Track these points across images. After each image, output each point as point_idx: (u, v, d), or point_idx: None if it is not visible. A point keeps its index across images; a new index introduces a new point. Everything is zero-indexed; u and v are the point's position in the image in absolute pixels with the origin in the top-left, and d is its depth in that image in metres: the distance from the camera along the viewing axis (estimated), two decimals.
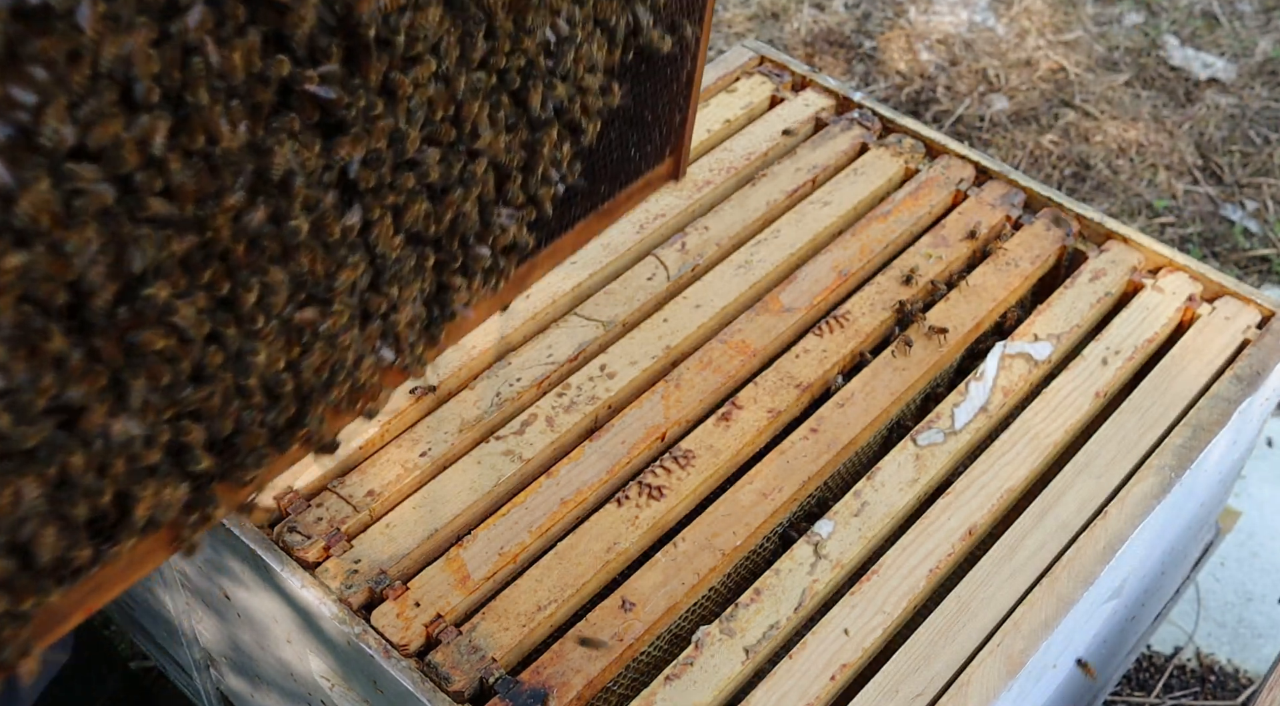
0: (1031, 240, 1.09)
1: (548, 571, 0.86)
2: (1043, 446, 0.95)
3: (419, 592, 0.84)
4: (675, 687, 0.81)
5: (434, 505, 0.90)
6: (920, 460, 0.93)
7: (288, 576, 0.85)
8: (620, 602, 0.84)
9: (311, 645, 0.89)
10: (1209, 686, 1.48)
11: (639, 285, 1.05)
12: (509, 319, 1.02)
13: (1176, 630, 1.52)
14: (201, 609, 1.04)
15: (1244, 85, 2.29)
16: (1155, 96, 2.26)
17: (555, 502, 0.90)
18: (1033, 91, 2.26)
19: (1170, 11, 2.45)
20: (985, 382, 0.99)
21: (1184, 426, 0.96)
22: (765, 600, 0.85)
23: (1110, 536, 0.89)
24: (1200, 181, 2.12)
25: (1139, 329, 1.03)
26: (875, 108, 1.21)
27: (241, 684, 1.08)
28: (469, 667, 0.80)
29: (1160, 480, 0.93)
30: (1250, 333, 1.03)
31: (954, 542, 0.89)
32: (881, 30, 2.39)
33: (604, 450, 0.93)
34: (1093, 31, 2.40)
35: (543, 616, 0.84)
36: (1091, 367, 1.00)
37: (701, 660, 0.82)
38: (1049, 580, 0.87)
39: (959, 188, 1.13)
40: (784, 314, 1.03)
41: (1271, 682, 0.93)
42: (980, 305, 1.04)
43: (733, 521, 0.89)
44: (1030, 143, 2.17)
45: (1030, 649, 0.83)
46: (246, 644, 1.00)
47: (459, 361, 0.99)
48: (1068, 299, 1.05)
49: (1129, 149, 2.16)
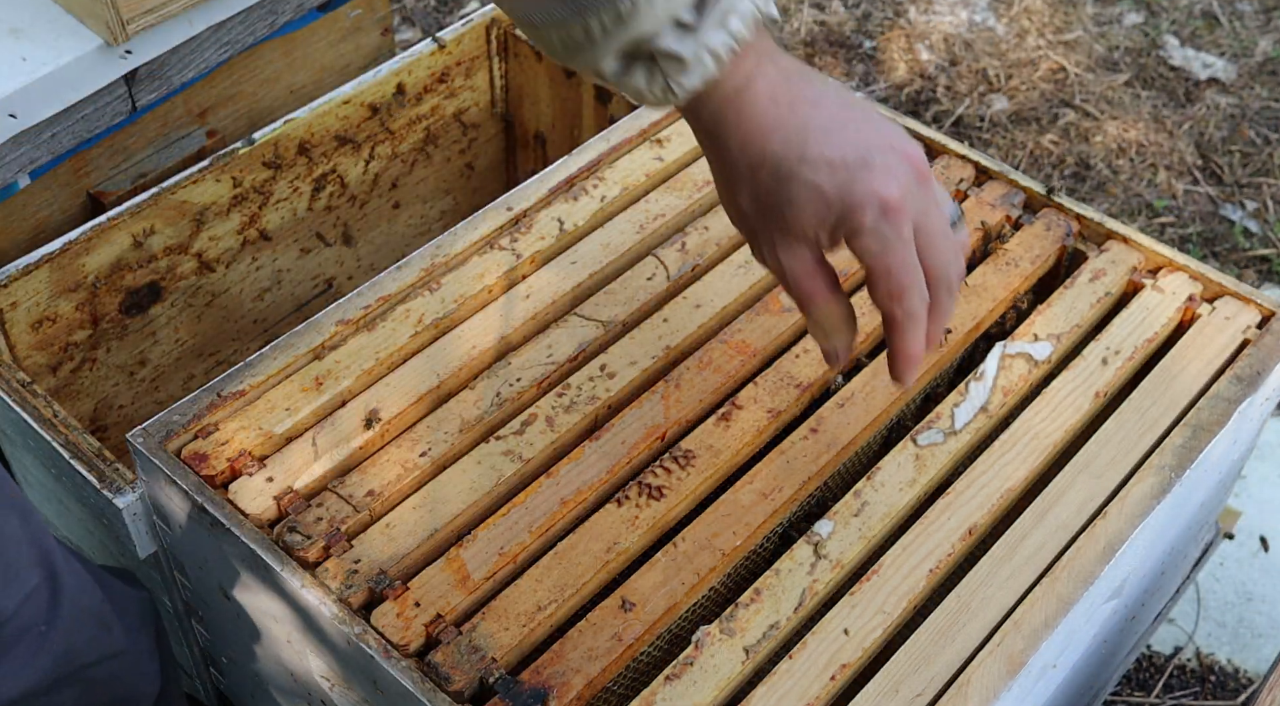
0: (1031, 240, 1.09)
1: (548, 571, 0.86)
2: (1043, 446, 0.95)
3: (419, 592, 0.84)
4: (675, 687, 0.81)
5: (434, 505, 0.90)
6: (920, 460, 0.93)
7: (288, 576, 0.85)
8: (620, 602, 0.84)
9: (311, 645, 0.89)
10: (1209, 686, 1.48)
11: (639, 285, 1.05)
12: (509, 319, 1.02)
13: (1176, 630, 1.52)
14: (201, 609, 1.04)
15: (1244, 85, 2.29)
16: (1155, 96, 2.26)
17: (555, 502, 0.90)
18: (1033, 91, 2.26)
19: (1170, 11, 2.45)
20: (985, 382, 0.99)
21: (1184, 426, 0.96)
22: (765, 600, 0.85)
23: (1110, 536, 0.89)
24: (1200, 181, 2.11)
25: (1139, 329, 1.03)
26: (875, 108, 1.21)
27: (241, 684, 1.08)
28: (469, 667, 0.80)
29: (1160, 480, 0.93)
30: (1250, 333, 1.03)
31: (954, 542, 0.89)
32: (881, 30, 2.39)
33: (604, 450, 0.93)
34: (1093, 31, 2.40)
35: (543, 616, 0.84)
36: (1091, 367, 1.00)
37: (701, 660, 0.82)
38: (1049, 580, 0.87)
39: (959, 187, 1.13)
40: (784, 314, 1.03)
41: (1271, 682, 0.93)
42: (980, 305, 1.04)
43: (733, 521, 0.89)
44: (1030, 143, 2.17)
45: (1030, 649, 0.83)
46: (246, 644, 1.00)
47: (459, 361, 0.99)
48: (1067, 299, 1.05)
49: (1129, 149, 2.16)
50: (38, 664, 0.84)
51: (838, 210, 0.71)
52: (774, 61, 0.72)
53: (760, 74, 0.72)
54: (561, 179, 1.14)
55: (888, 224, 0.71)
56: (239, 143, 1.26)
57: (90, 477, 0.96)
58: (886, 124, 0.73)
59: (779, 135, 0.72)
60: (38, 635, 0.83)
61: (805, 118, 0.72)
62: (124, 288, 1.23)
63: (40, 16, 1.20)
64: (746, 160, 0.73)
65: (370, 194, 1.44)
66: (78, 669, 0.88)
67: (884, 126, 0.73)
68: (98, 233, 1.17)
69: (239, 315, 1.37)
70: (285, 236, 1.37)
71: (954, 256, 0.75)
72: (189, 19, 1.23)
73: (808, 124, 0.72)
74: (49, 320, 1.18)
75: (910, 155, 0.72)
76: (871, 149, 0.71)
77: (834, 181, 0.71)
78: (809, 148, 0.71)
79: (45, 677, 0.85)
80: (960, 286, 0.77)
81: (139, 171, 1.32)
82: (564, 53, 0.71)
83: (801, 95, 0.72)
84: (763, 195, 0.73)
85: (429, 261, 1.06)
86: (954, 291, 0.76)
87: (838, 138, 0.71)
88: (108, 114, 1.23)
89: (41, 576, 0.84)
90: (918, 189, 0.72)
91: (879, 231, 0.71)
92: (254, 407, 0.95)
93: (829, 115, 0.72)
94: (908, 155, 0.72)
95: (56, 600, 0.85)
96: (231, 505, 0.89)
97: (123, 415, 1.31)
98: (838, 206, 0.71)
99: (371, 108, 1.36)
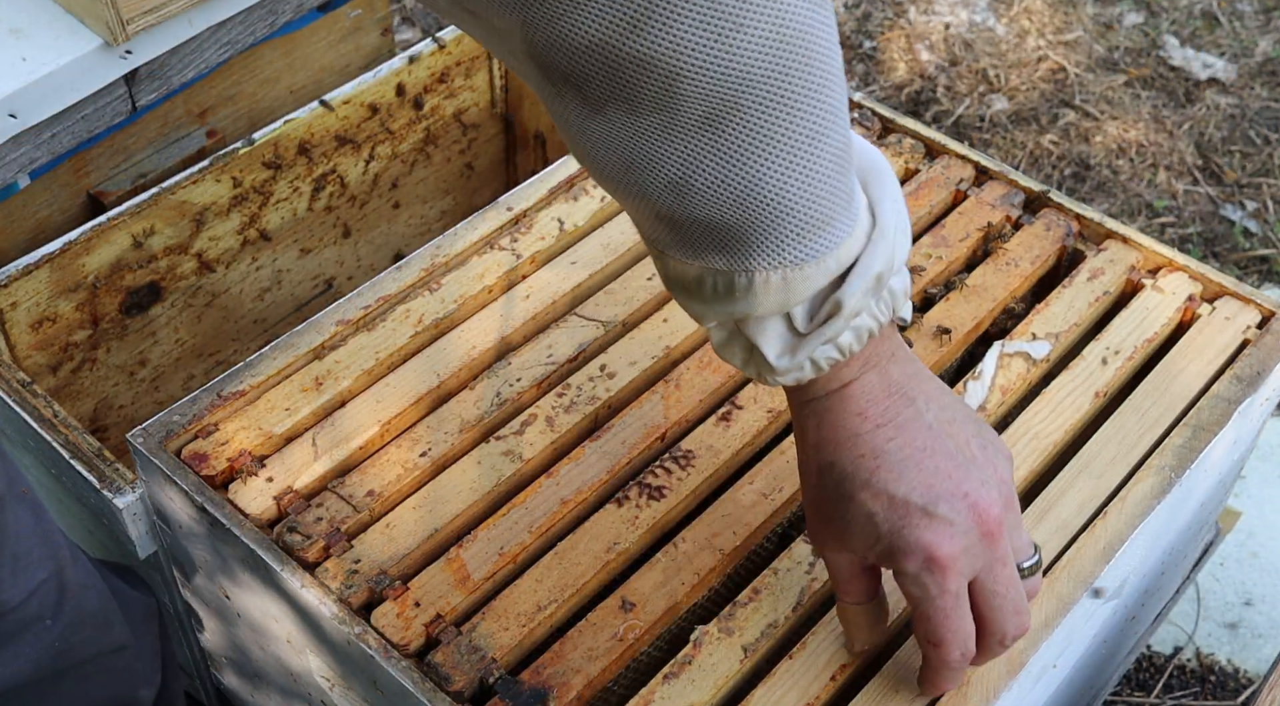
0: (1031, 240, 1.09)
1: (548, 571, 0.86)
2: (1042, 446, 0.95)
3: (419, 592, 0.84)
4: (674, 686, 0.81)
5: (434, 505, 0.90)
6: None
7: (288, 576, 0.85)
8: (620, 602, 0.84)
9: (311, 645, 0.89)
10: (1209, 686, 1.48)
11: (639, 285, 1.05)
12: (509, 319, 1.02)
13: (1176, 630, 1.52)
14: (201, 609, 1.04)
15: (1244, 85, 2.29)
16: (1155, 96, 2.26)
17: (555, 502, 0.90)
18: (1033, 91, 2.26)
19: (1170, 11, 2.45)
20: (983, 382, 0.99)
21: (1184, 426, 0.96)
22: (764, 599, 0.85)
23: (1110, 536, 0.89)
24: (1200, 181, 2.12)
25: (1138, 329, 1.03)
26: (875, 108, 1.21)
27: (241, 684, 1.08)
28: (469, 667, 0.80)
29: (1160, 480, 0.93)
30: (1250, 333, 1.03)
31: None
32: (881, 30, 2.39)
33: (604, 450, 0.93)
34: (1093, 31, 2.40)
35: (543, 616, 0.84)
36: (1091, 367, 1.00)
37: (700, 659, 0.82)
38: (1049, 580, 0.87)
39: (959, 188, 1.13)
40: None
41: (1272, 682, 0.93)
42: (980, 305, 1.04)
43: (733, 521, 0.89)
44: (1030, 143, 2.17)
45: (1030, 649, 0.83)
46: (246, 644, 1.00)
47: (459, 361, 0.99)
48: (1066, 298, 1.05)
49: (1129, 149, 2.16)
50: (35, 657, 0.84)
51: (884, 548, 0.68)
52: (882, 371, 0.68)
53: (860, 382, 0.67)
54: (561, 179, 1.14)
55: (931, 577, 0.68)
56: (239, 143, 1.26)
57: (90, 477, 0.96)
58: (973, 467, 0.68)
59: (852, 452, 0.68)
60: (42, 629, 0.84)
61: (884, 442, 0.67)
62: (124, 288, 1.23)
63: (40, 16, 1.20)
64: (817, 462, 0.70)
65: (370, 194, 1.44)
66: (74, 665, 0.88)
67: (967, 470, 0.68)
68: (98, 233, 1.18)
69: (239, 315, 1.37)
70: (285, 236, 1.37)
71: (1013, 614, 0.71)
72: (189, 19, 1.23)
73: (884, 449, 0.67)
74: (49, 320, 1.18)
75: (982, 509, 0.67)
76: (939, 496, 0.67)
77: (889, 519, 0.67)
78: (876, 475, 0.67)
79: (41, 671, 0.85)
80: (1018, 633, 0.74)
81: (139, 171, 1.32)
82: (673, 287, 0.67)
83: (893, 416, 0.68)
84: (823, 499, 0.70)
85: (429, 261, 1.06)
86: (1008, 644, 0.72)
87: (910, 474, 0.67)
88: (108, 114, 1.23)
89: (50, 571, 0.84)
90: (980, 546, 0.68)
91: (921, 581, 0.68)
92: (254, 407, 0.95)
93: (911, 445, 0.67)
94: (978, 509, 0.67)
95: (62, 596, 0.85)
96: (231, 505, 0.89)
97: (123, 415, 1.31)
98: (885, 544, 0.68)
99: (371, 108, 1.36)
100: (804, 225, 0.62)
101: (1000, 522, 0.68)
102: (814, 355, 0.65)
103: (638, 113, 0.58)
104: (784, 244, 0.62)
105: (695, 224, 0.62)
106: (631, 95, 0.57)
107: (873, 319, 0.66)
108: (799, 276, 0.63)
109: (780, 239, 0.62)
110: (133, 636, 0.94)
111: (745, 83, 0.57)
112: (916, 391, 0.69)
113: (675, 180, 0.60)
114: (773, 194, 0.60)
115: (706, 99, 0.57)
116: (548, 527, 0.89)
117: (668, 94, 0.56)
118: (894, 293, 0.67)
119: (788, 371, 0.66)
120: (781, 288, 0.63)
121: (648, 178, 0.61)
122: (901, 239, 0.67)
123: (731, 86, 0.57)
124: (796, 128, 0.59)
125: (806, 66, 0.58)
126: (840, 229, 0.63)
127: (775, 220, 0.61)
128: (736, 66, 0.56)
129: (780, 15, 0.56)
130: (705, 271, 0.64)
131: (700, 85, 0.56)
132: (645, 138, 0.59)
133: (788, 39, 0.57)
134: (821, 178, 0.61)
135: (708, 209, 0.61)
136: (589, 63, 0.56)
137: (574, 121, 0.61)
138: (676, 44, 0.54)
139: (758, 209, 0.61)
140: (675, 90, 0.56)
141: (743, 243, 0.62)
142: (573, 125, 0.61)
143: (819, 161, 0.61)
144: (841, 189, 0.63)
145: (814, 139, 0.60)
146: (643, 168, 0.61)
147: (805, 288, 0.63)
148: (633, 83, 0.56)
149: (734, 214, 0.61)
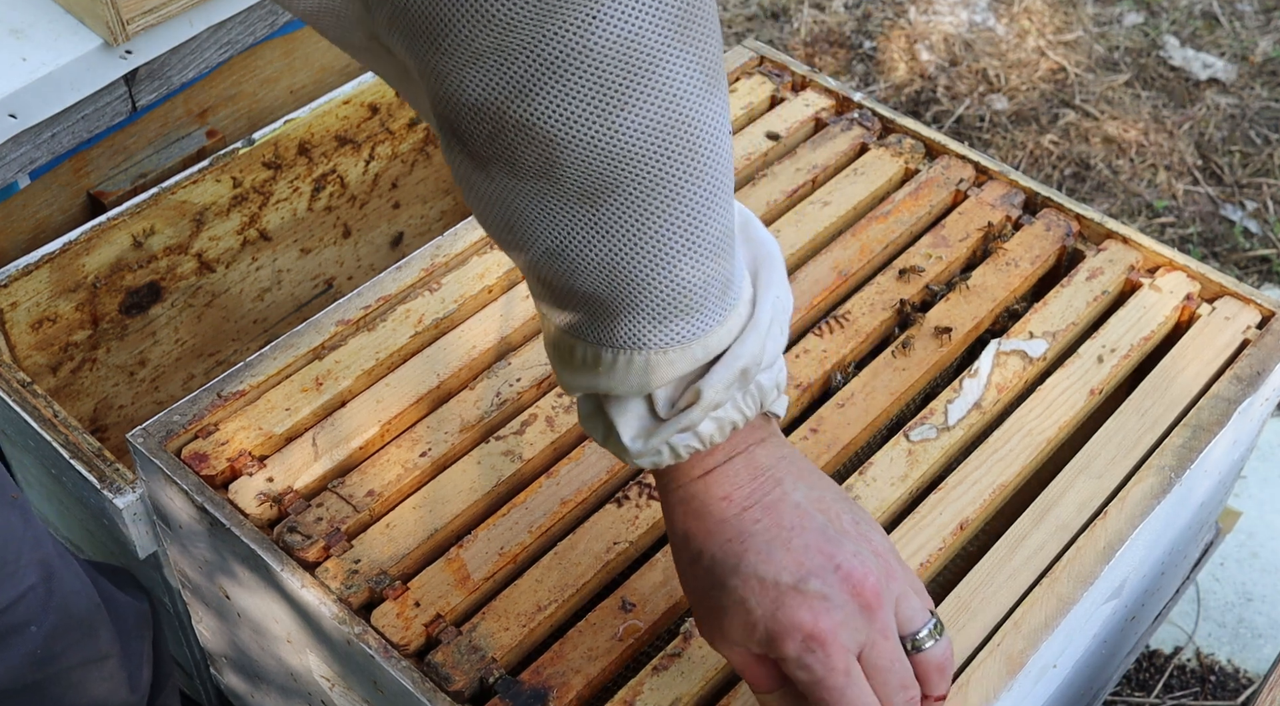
0: (1031, 240, 1.09)
1: (548, 571, 0.86)
2: (1036, 443, 0.95)
3: (419, 592, 0.84)
4: (663, 678, 0.81)
5: (434, 505, 0.90)
6: (913, 455, 0.93)
7: (288, 576, 0.85)
8: (620, 602, 0.84)
9: (311, 645, 0.89)
10: (1209, 686, 1.48)
11: None
12: (509, 319, 1.02)
13: (1176, 630, 1.52)
14: (201, 609, 1.04)
15: (1244, 85, 2.29)
16: (1155, 96, 2.26)
17: (555, 502, 0.90)
18: (1033, 91, 2.26)
19: (1170, 11, 2.45)
20: (979, 379, 0.99)
21: (1184, 426, 0.96)
22: None
23: (1110, 536, 0.89)
24: (1200, 181, 2.12)
25: (1136, 327, 1.03)
26: (875, 108, 1.21)
27: (241, 684, 1.09)
28: (469, 667, 0.80)
29: (1160, 480, 0.93)
30: (1250, 333, 1.03)
31: (945, 537, 0.89)
32: (881, 30, 2.39)
33: (604, 450, 0.93)
34: (1093, 31, 2.40)
35: (543, 616, 0.84)
36: (1087, 365, 1.00)
37: (689, 651, 0.82)
38: (1049, 580, 0.87)
39: (959, 188, 1.14)
40: None
41: (1271, 682, 0.93)
42: (981, 305, 1.04)
43: None
44: (1030, 143, 2.17)
45: (1030, 649, 0.83)
46: (246, 644, 1.00)
47: (459, 361, 0.99)
48: (1064, 297, 1.05)
49: (1129, 149, 2.16)
50: (17, 665, 0.84)
51: (761, 634, 0.65)
52: (748, 456, 0.66)
53: (725, 468, 0.66)
54: None
55: (814, 656, 0.64)
56: (239, 143, 1.26)
57: (90, 477, 0.96)
58: (845, 540, 0.66)
59: (720, 537, 0.66)
60: (27, 635, 0.83)
61: (750, 525, 0.66)
62: (124, 288, 1.23)
63: (40, 16, 1.20)
64: (688, 552, 0.68)
65: (370, 194, 1.44)
66: (54, 674, 0.87)
67: (839, 543, 0.66)
68: (98, 233, 1.18)
69: (239, 315, 1.37)
70: (285, 236, 1.37)
71: (898, 690, 0.67)
72: (189, 19, 1.23)
73: (750, 532, 0.65)
74: (49, 320, 1.18)
75: (857, 580, 0.65)
76: (810, 572, 0.64)
77: (761, 603, 0.65)
78: (745, 559, 0.65)
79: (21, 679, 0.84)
80: None
81: (139, 171, 1.32)
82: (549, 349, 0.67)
83: (759, 497, 0.66)
84: (698, 589, 0.68)
85: (429, 261, 1.06)
86: None
87: (778, 554, 0.65)
88: (108, 114, 1.23)
89: (38, 577, 0.84)
90: (860, 619, 0.65)
91: (805, 663, 0.65)
92: (254, 408, 0.95)
93: (779, 524, 0.66)
94: (852, 580, 0.65)
95: (48, 601, 0.85)
96: (231, 505, 0.89)
97: (123, 415, 1.31)
98: (761, 631, 0.65)
99: (371, 108, 1.36)
100: (669, 309, 0.61)
101: (878, 593, 0.66)
102: (671, 441, 0.64)
103: (519, 176, 0.58)
104: (648, 325, 0.61)
105: (568, 292, 0.62)
106: (514, 158, 0.57)
107: (737, 412, 0.64)
108: (662, 360, 0.62)
109: (644, 320, 0.61)
110: (120, 645, 0.93)
111: (625, 161, 0.57)
112: (784, 472, 0.68)
113: (551, 247, 0.60)
114: (641, 274, 0.60)
115: (586, 172, 0.57)
116: (548, 527, 0.89)
117: (548, 162, 0.57)
118: (762, 387, 0.65)
119: (643, 454, 0.65)
120: (644, 369, 0.62)
121: (526, 239, 0.61)
122: (776, 334, 0.66)
123: (611, 163, 0.57)
124: (674, 211, 0.59)
125: (690, 151, 0.58)
126: (709, 317, 0.62)
127: (640, 300, 0.61)
128: (618, 144, 0.56)
129: (667, 98, 0.56)
130: (576, 340, 0.64)
131: (580, 157, 0.56)
132: (526, 200, 0.59)
133: (673, 123, 0.57)
134: (694, 264, 0.61)
135: (579, 279, 0.61)
136: (476, 121, 0.57)
137: (461, 174, 0.61)
138: (561, 115, 0.55)
139: (624, 287, 0.60)
140: (556, 159, 0.57)
141: (609, 318, 0.62)
142: (461, 177, 0.62)
143: (694, 247, 0.60)
144: (716, 277, 0.62)
145: (691, 224, 0.60)
146: (522, 229, 0.61)
147: (667, 372, 0.62)
148: (515, 147, 0.57)
149: (603, 288, 0.61)
